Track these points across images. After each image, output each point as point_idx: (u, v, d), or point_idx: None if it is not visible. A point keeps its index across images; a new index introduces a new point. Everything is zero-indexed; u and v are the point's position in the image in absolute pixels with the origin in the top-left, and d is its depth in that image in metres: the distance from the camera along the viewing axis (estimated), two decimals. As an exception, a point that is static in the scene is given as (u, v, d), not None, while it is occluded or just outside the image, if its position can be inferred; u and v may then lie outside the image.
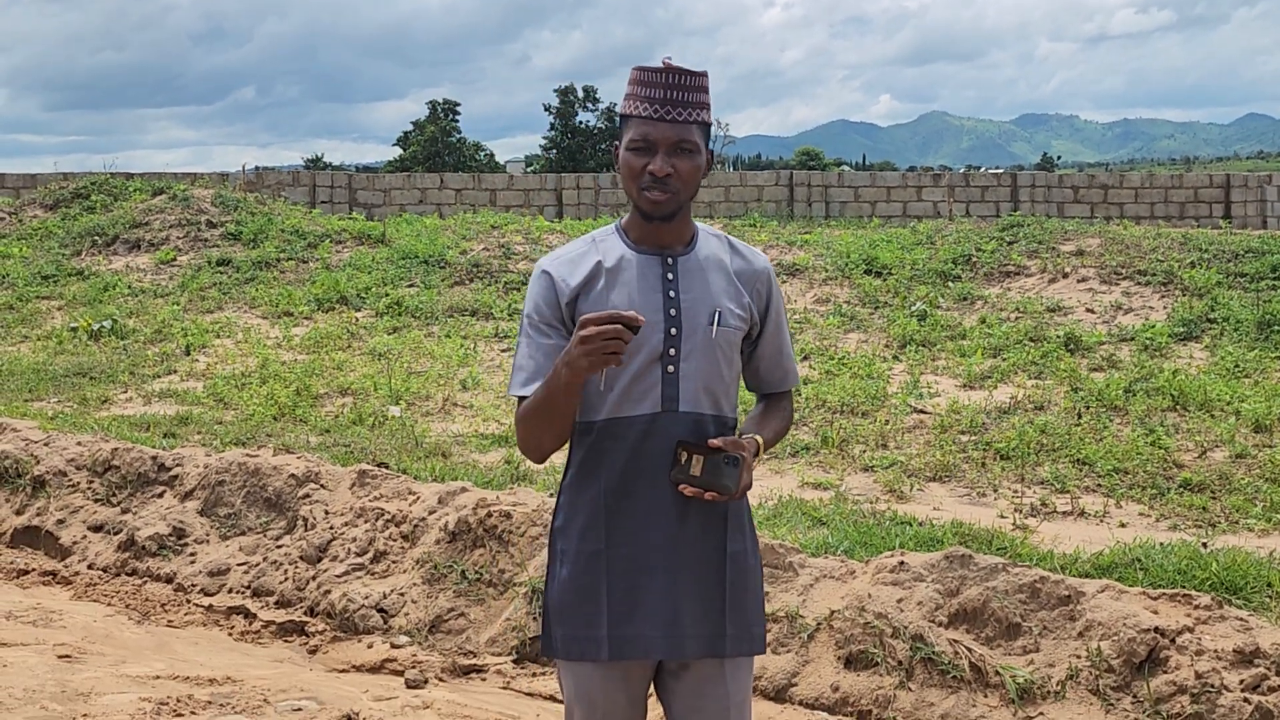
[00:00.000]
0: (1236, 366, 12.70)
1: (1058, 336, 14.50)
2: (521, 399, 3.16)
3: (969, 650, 5.50)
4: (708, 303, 3.16)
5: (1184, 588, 5.85)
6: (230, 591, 7.47)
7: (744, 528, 3.24)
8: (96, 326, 16.58)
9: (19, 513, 8.68)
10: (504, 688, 6.14)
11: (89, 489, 8.57)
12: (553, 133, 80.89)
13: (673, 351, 3.11)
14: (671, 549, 3.12)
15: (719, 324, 3.15)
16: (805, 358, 14.26)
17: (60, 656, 6.24)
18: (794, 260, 20.26)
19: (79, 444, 9.06)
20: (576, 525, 3.17)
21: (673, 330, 3.12)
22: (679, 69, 3.12)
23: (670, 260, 3.18)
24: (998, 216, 26.84)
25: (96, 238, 23.03)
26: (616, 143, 3.19)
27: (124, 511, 8.32)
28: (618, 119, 3.24)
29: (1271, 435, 9.86)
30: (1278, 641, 5.11)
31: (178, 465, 8.50)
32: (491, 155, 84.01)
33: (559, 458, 4.85)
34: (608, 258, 3.18)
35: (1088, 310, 16.57)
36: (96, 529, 8.28)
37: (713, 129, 3.27)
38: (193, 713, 5.46)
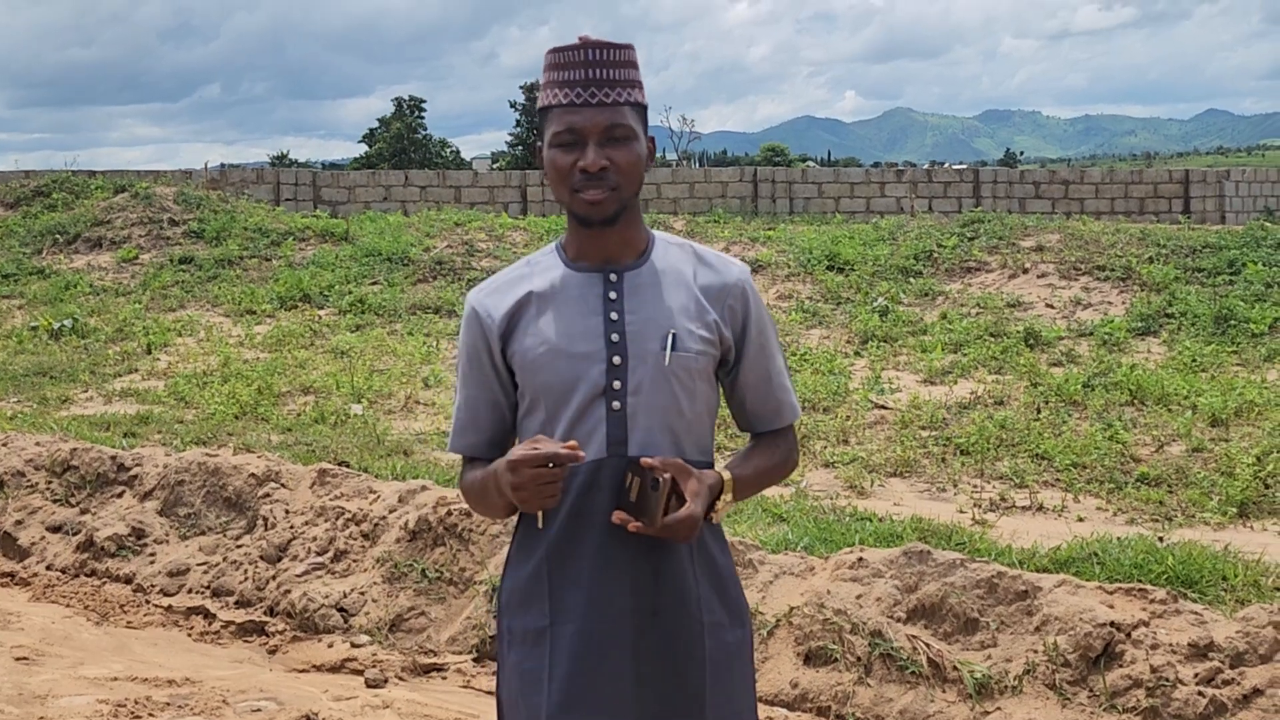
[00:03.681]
0: (1193, 361, 12.80)
1: (1018, 332, 14.59)
2: (464, 456, 2.83)
3: (927, 646, 5.53)
4: (660, 324, 2.67)
5: (1140, 582, 5.89)
6: (190, 592, 7.44)
7: (725, 592, 2.74)
8: (57, 325, 16.47)
9: (-24, 514, 8.62)
10: (464, 686, 6.15)
11: (47, 489, 8.52)
12: (519, 129, 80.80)
13: (617, 385, 2.64)
14: (628, 622, 2.63)
15: (673, 348, 2.66)
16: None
17: (17, 659, 6.21)
18: (757, 256, 20.31)
19: (38, 444, 9.00)
20: (518, 598, 2.72)
21: (615, 359, 2.65)
22: (598, 42, 2.66)
23: (614, 276, 2.70)
24: (960, 212, 26.95)
25: (58, 236, 22.88)
26: (538, 143, 2.73)
27: (83, 512, 8.27)
28: (536, 115, 2.77)
29: (1227, 429, 9.94)
30: (1232, 635, 5.15)
31: (137, 465, 8.46)
32: (457, 152, 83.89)
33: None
34: (540, 282, 2.73)
35: (1047, 305, 16.68)
36: (55, 530, 8.23)
37: (667, 111, 2.81)
38: (151, 714, 5.45)
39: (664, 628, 2.64)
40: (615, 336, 2.66)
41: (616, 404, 2.64)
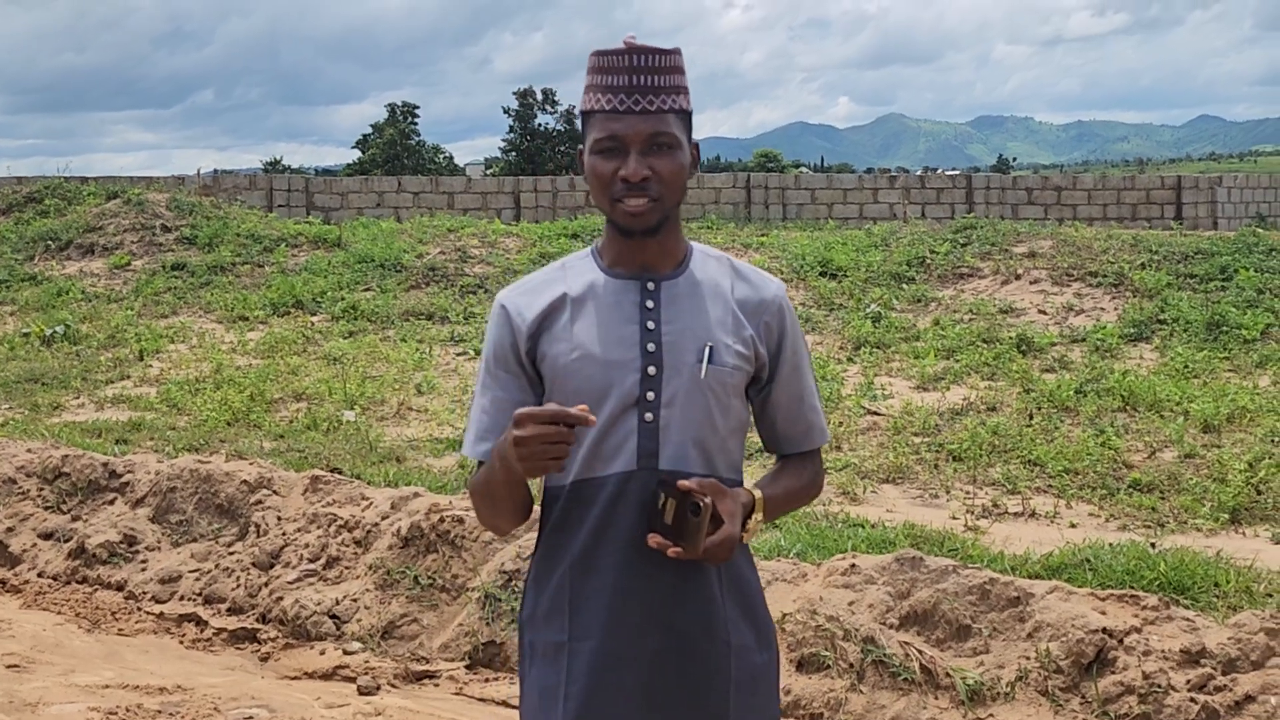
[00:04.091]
0: (1186, 367, 12.81)
1: (1010, 338, 14.59)
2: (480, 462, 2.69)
3: (920, 652, 5.53)
4: (697, 336, 2.60)
5: (1132, 588, 5.90)
6: (181, 599, 7.43)
7: (753, 613, 2.66)
8: (49, 332, 16.43)
9: (-32, 521, 8.60)
10: (456, 693, 6.14)
11: (39, 496, 8.50)
12: (512, 135, 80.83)
13: (651, 396, 2.57)
14: (649, 640, 2.56)
15: (709, 361, 2.59)
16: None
17: (8, 666, 6.20)
18: (750, 262, 20.27)
19: (29, 451, 8.98)
20: (540, 613, 2.64)
21: (650, 370, 2.58)
22: (644, 48, 2.60)
23: (651, 285, 2.64)
24: (953, 218, 26.99)
25: (50, 242, 22.82)
26: (580, 146, 2.66)
27: (74, 519, 8.26)
28: (579, 118, 2.69)
29: (1220, 435, 9.95)
30: (1224, 641, 5.16)
31: (129, 472, 8.44)
32: (451, 158, 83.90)
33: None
34: (575, 285, 2.65)
35: (1040, 311, 16.68)
36: (46, 536, 8.21)
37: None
38: (142, 722, 5.43)
39: (685, 647, 2.56)
40: (651, 346, 2.59)
41: (649, 415, 2.57)
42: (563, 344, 2.60)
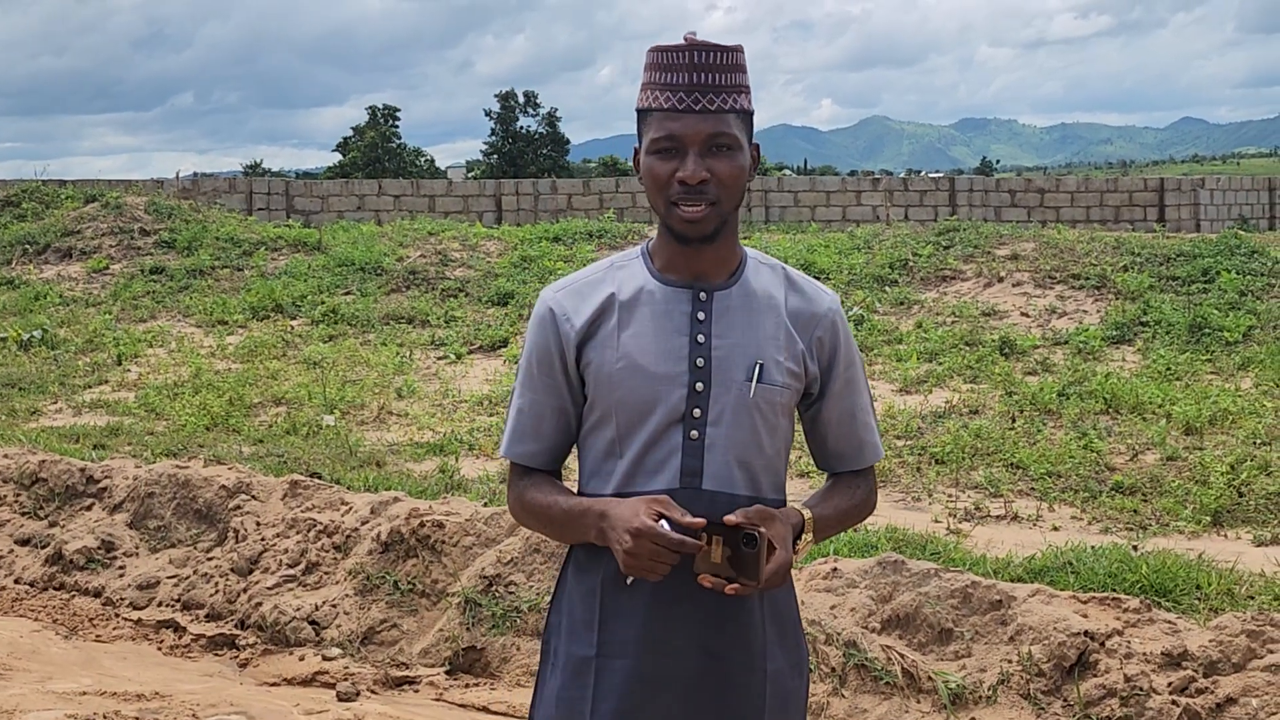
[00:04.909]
0: (1168, 370, 12.82)
1: (993, 340, 14.59)
2: (515, 463, 2.67)
3: (902, 656, 5.51)
4: (748, 352, 2.52)
5: (1114, 591, 5.89)
6: (160, 605, 7.38)
7: (787, 638, 2.61)
8: (26, 336, 16.34)
9: (-56, 527, 8.53)
10: (436, 699, 6.10)
11: (15, 502, 8.43)
12: (493, 138, 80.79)
13: (697, 413, 2.49)
14: (686, 662, 2.49)
15: (759, 379, 2.52)
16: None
17: (-17, 674, 6.14)
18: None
19: (5, 456, 8.92)
20: (568, 622, 2.57)
21: (699, 385, 2.50)
22: (707, 45, 2.50)
23: (703, 295, 2.54)
24: (936, 221, 27.03)
25: (27, 246, 22.72)
26: (636, 145, 2.58)
27: (51, 525, 8.20)
28: (635, 115, 2.60)
29: (1202, 438, 9.96)
30: (1205, 644, 5.15)
31: (107, 477, 8.39)
32: (432, 161, 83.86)
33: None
34: (624, 288, 2.56)
35: (1022, 314, 16.69)
36: (23, 542, 8.14)
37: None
38: (118, 730, 5.39)
39: (721, 672, 2.50)
40: (700, 361, 2.51)
41: (694, 433, 2.50)
42: (609, 351, 2.53)
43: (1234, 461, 8.90)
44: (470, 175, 71.79)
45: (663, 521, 2.37)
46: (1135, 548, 6.99)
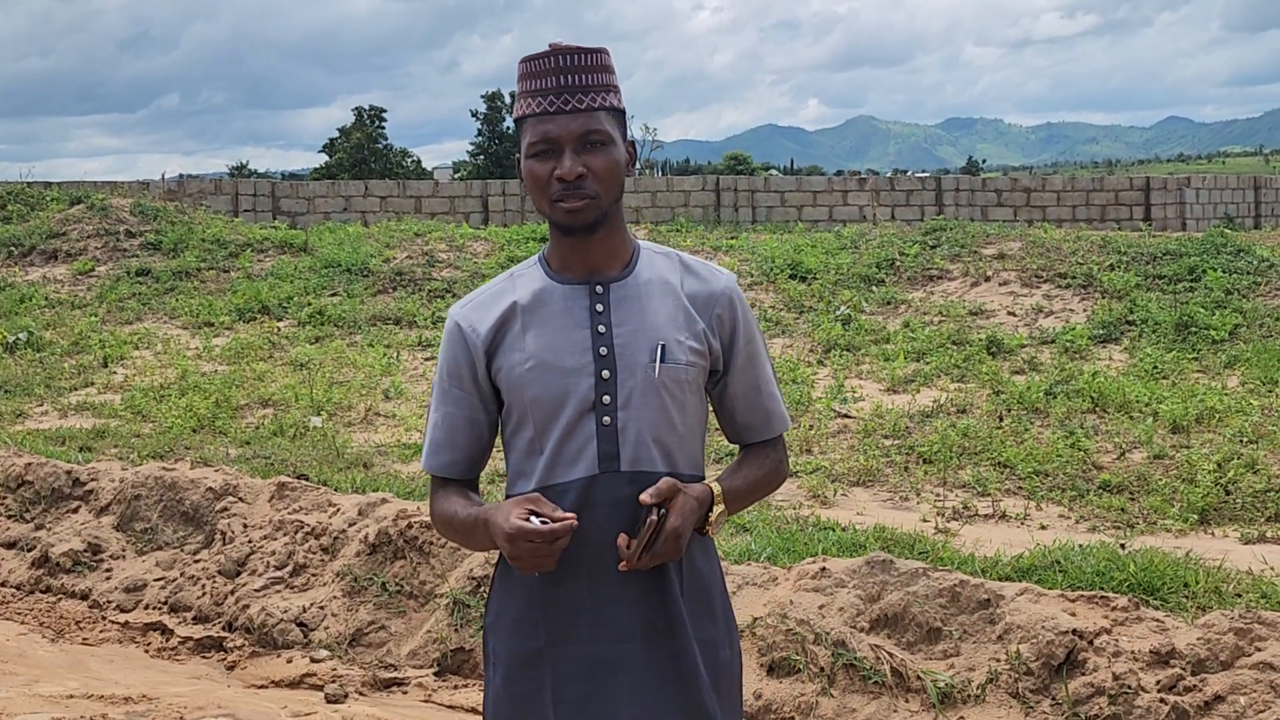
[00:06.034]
0: (1155, 368, 12.85)
1: (980, 340, 14.62)
2: (434, 475, 2.77)
3: (890, 655, 5.51)
4: (649, 336, 2.62)
5: (1102, 589, 5.89)
6: (146, 608, 7.35)
7: (714, 609, 2.70)
8: (12, 339, 16.30)
9: (-71, 530, 8.50)
10: (425, 700, 6.09)
11: (1, 505, 8.40)
12: (480, 139, 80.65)
13: (607, 399, 2.59)
14: (632, 643, 2.58)
15: (662, 360, 2.61)
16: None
17: (-30, 678, 6.11)
18: (719, 265, 20.29)
19: (-9, 459, 8.89)
20: (508, 620, 2.65)
21: (605, 373, 2.59)
22: (569, 48, 2.61)
23: (599, 289, 2.65)
24: (923, 220, 27.05)
25: (12, 248, 22.66)
26: (517, 154, 2.67)
27: (38, 528, 8.17)
28: (513, 126, 2.82)
29: (1188, 436, 9.98)
30: (1193, 642, 5.15)
31: (93, 480, 8.36)
32: (418, 161, 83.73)
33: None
34: (524, 294, 2.68)
35: (1009, 313, 16.73)
36: (9, 546, 8.12)
37: (630, 120, 2.76)
38: (105, 733, 5.37)
39: (664, 648, 2.59)
40: (603, 350, 2.61)
41: (606, 419, 2.59)
42: (517, 354, 2.63)
43: (1221, 460, 8.92)
44: (457, 176, 71.68)
45: (533, 518, 2.45)
46: (1123, 546, 6.99)
